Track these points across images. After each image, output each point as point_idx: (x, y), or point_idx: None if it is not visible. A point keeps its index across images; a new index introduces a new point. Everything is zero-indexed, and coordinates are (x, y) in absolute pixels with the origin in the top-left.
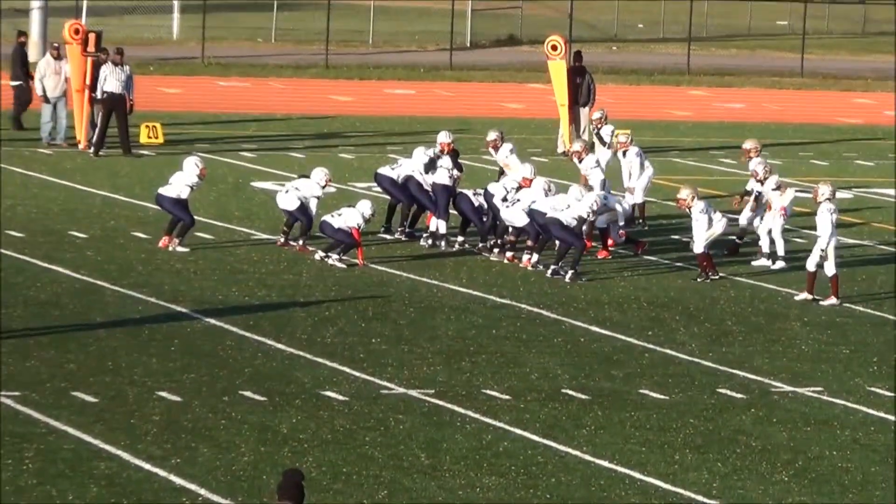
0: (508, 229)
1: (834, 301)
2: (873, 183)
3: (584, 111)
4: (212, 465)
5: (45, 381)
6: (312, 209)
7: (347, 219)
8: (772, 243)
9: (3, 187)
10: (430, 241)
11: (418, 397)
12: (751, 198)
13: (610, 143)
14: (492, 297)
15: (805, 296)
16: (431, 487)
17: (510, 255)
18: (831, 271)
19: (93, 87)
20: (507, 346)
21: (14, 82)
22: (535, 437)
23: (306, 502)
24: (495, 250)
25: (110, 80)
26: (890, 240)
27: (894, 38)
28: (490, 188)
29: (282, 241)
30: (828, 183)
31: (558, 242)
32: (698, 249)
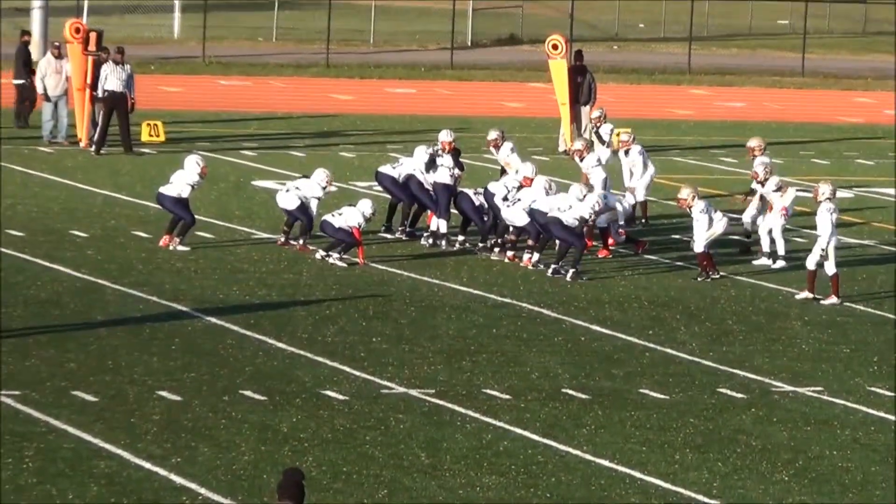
0: (509, 228)
1: (834, 300)
2: (874, 182)
3: (585, 110)
4: (212, 465)
5: (46, 380)
6: (313, 209)
7: (348, 218)
8: (772, 242)
9: (4, 186)
10: (430, 241)
11: (419, 397)
12: (755, 196)
13: (609, 141)
14: (492, 296)
15: (805, 294)
16: (432, 487)
17: (511, 254)
18: (831, 270)
19: (94, 86)
20: (507, 345)
21: (17, 81)
22: (535, 436)
23: (306, 502)
24: (496, 249)
25: (111, 78)
26: (890, 239)
27: (895, 37)
28: (490, 187)
29: (282, 240)
30: (828, 182)
31: (558, 242)
32: (699, 249)
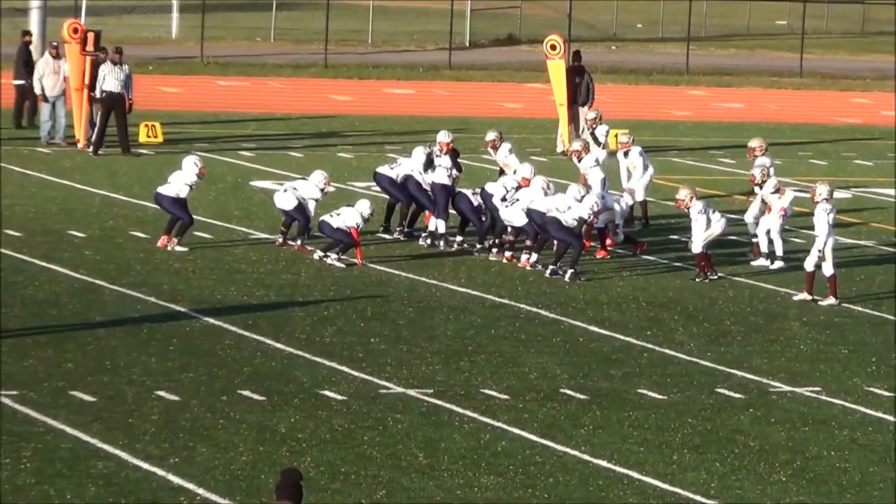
0: (507, 229)
1: (832, 301)
2: (872, 183)
3: (583, 111)
4: (210, 465)
5: (44, 381)
6: (310, 210)
7: (346, 218)
8: (770, 243)
9: (2, 186)
10: (428, 241)
11: (417, 397)
12: (757, 197)
13: (605, 143)
14: (490, 296)
15: (804, 296)
16: (430, 487)
17: (509, 254)
18: (829, 271)
19: (91, 87)
20: (505, 345)
21: (17, 81)
22: (533, 436)
23: (305, 502)
24: (494, 250)
25: (109, 79)
26: (888, 240)
27: (894, 37)
28: (488, 188)
29: (280, 240)
30: (825, 183)
31: (557, 242)
32: (697, 249)
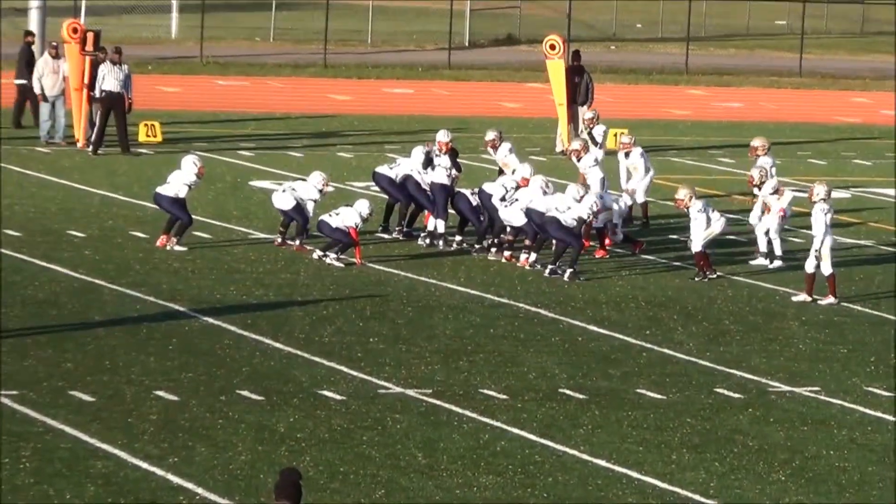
0: (506, 229)
1: (832, 300)
2: (871, 182)
3: (582, 110)
4: (209, 465)
5: (43, 380)
6: (309, 210)
7: (345, 218)
8: (769, 243)
9: (2, 186)
10: (427, 241)
11: (416, 397)
12: (759, 197)
13: (602, 143)
14: (489, 296)
15: (803, 297)
16: (428, 487)
17: (508, 254)
18: (828, 271)
19: (91, 86)
20: (504, 345)
21: (19, 81)
22: (532, 436)
23: (304, 502)
24: (493, 249)
25: (108, 78)
26: (888, 239)
27: (894, 37)
28: (486, 187)
29: (279, 240)
30: (823, 183)
31: (555, 242)
32: (696, 248)
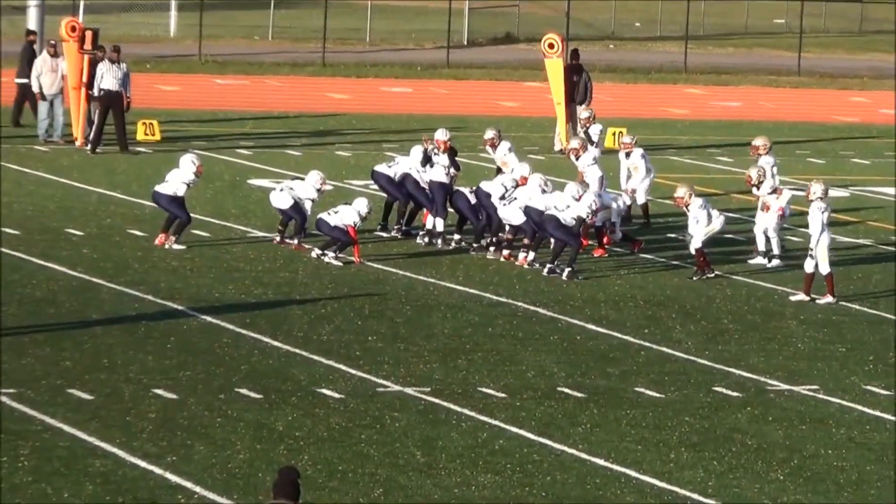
0: (505, 227)
1: (830, 299)
2: (869, 181)
3: (580, 109)
4: (207, 463)
5: (41, 379)
6: (307, 209)
7: (344, 216)
8: (767, 242)
9: (0, 184)
10: (426, 239)
11: (414, 395)
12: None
13: (598, 141)
14: (488, 294)
15: (801, 297)
16: (427, 485)
17: (506, 253)
18: (825, 270)
19: (89, 85)
20: (503, 344)
21: (20, 80)
22: (530, 435)
23: (302, 500)
24: (491, 248)
25: (107, 77)
26: (886, 238)
27: (894, 37)
28: (483, 186)
29: (278, 239)
30: (820, 181)
31: (553, 241)
32: (696, 245)
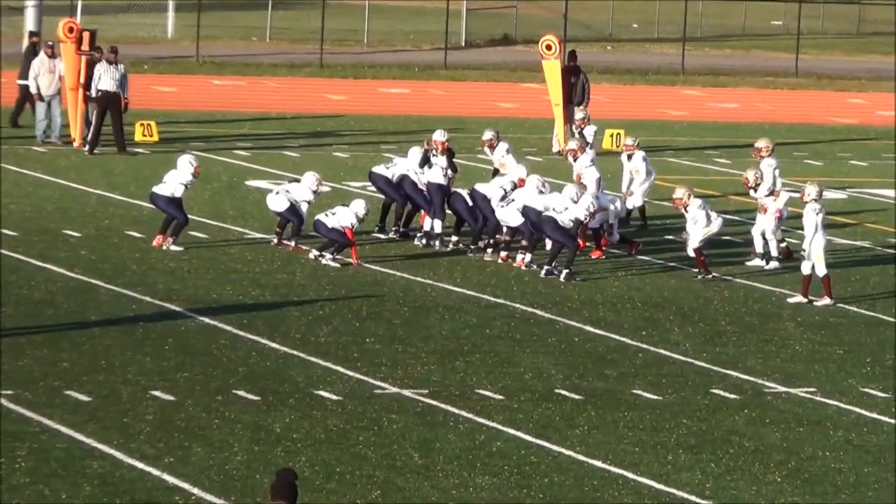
0: (503, 229)
1: (827, 301)
2: (867, 183)
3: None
4: (205, 465)
5: (39, 380)
6: (303, 211)
7: (341, 218)
8: (765, 244)
9: None
10: (424, 241)
11: (412, 397)
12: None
13: (592, 143)
14: (486, 296)
15: (799, 299)
16: (425, 487)
17: (504, 254)
18: (822, 272)
19: (87, 86)
20: (500, 345)
21: (22, 81)
22: (528, 437)
23: (299, 502)
24: (489, 250)
25: (105, 78)
26: (884, 240)
27: (893, 38)
28: (478, 188)
29: (276, 241)
30: (815, 183)
31: (551, 242)
32: (694, 246)
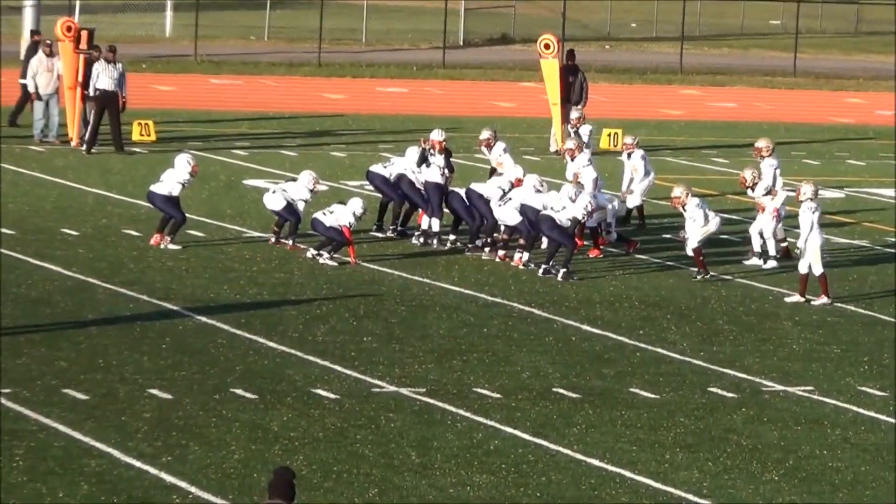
0: (500, 228)
1: (825, 300)
2: (865, 182)
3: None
4: (202, 463)
5: (36, 379)
6: (300, 210)
7: (339, 217)
8: (763, 243)
9: None
10: (421, 240)
11: (409, 396)
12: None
13: (588, 142)
14: (483, 295)
15: (797, 298)
16: (422, 486)
17: (502, 253)
18: (818, 271)
19: (85, 85)
20: (498, 344)
21: (23, 80)
22: (525, 435)
23: (297, 501)
24: (486, 249)
25: (103, 77)
26: (881, 240)
27: (893, 37)
28: (474, 187)
29: (273, 239)
30: (810, 182)
31: (548, 241)
32: (692, 246)
